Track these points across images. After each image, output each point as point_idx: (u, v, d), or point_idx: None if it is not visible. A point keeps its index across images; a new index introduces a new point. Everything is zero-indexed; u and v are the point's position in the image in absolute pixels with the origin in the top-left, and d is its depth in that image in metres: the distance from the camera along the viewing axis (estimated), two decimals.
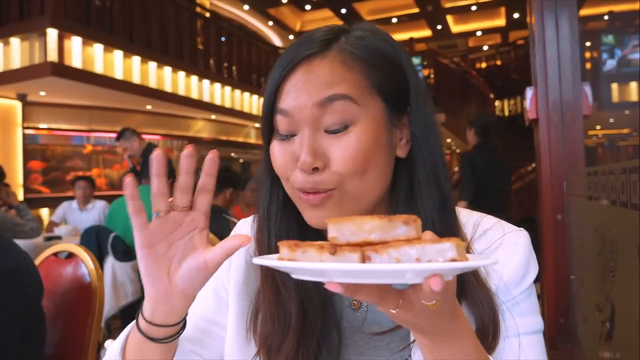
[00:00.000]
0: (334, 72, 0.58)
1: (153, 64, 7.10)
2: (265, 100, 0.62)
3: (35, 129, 7.44)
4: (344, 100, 0.58)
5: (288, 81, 0.60)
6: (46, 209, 7.26)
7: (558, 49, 1.33)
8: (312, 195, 0.59)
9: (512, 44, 11.68)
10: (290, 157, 0.60)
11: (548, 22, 1.36)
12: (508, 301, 0.62)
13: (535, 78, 1.34)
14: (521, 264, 0.62)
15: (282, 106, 0.60)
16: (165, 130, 9.16)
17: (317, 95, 0.58)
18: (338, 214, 0.59)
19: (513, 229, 0.65)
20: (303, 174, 0.59)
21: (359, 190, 0.60)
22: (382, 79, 0.60)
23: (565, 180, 1.27)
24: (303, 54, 0.59)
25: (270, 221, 0.65)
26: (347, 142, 0.58)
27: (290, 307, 0.62)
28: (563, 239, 1.24)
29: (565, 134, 1.27)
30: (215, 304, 0.73)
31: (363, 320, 0.64)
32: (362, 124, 0.59)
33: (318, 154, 0.58)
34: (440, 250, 0.39)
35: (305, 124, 0.59)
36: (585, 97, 1.28)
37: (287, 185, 0.63)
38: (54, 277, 1.61)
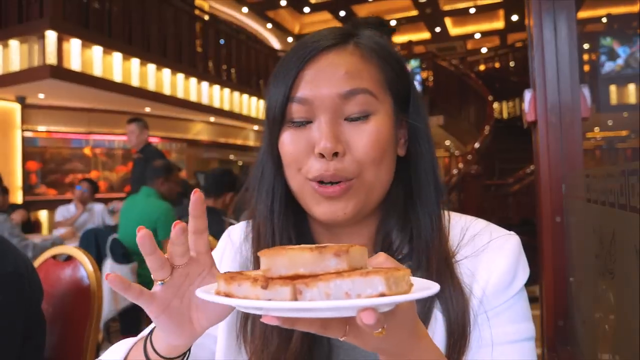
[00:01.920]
0: (355, 65, 0.59)
1: (152, 66, 7.10)
2: (277, 89, 0.60)
3: (34, 131, 7.44)
4: (364, 94, 0.59)
5: (307, 70, 0.59)
6: (45, 211, 7.25)
7: (556, 51, 1.33)
8: (331, 187, 0.58)
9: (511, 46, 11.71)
10: (304, 145, 0.59)
11: (546, 24, 1.37)
12: (496, 307, 0.61)
13: (534, 80, 1.35)
14: (508, 269, 0.61)
15: (301, 94, 0.59)
16: (164, 133, 9.15)
17: (340, 86, 0.58)
18: (354, 207, 0.59)
19: (502, 233, 0.65)
20: (321, 162, 0.58)
21: (374, 181, 0.60)
22: (392, 76, 0.62)
23: (563, 182, 1.27)
24: (323, 44, 0.60)
25: (273, 216, 0.64)
26: (368, 130, 0.59)
27: None
28: (562, 241, 1.24)
29: (563, 136, 1.28)
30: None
31: None
32: (380, 116, 0.60)
33: (339, 140, 0.58)
34: (369, 283, 0.39)
35: (325, 111, 0.58)
36: (583, 100, 1.28)
37: (296, 177, 0.61)
38: (53, 279, 1.60)
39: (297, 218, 0.65)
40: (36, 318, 1.27)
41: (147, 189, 3.13)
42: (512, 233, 0.66)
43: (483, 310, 0.61)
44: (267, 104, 0.63)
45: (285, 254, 0.43)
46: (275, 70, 0.63)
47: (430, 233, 0.62)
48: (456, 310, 0.59)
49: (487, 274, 0.61)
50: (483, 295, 0.61)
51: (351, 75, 0.59)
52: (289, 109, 0.60)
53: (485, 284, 0.61)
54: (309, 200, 0.61)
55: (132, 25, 6.74)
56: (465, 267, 0.62)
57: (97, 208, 4.75)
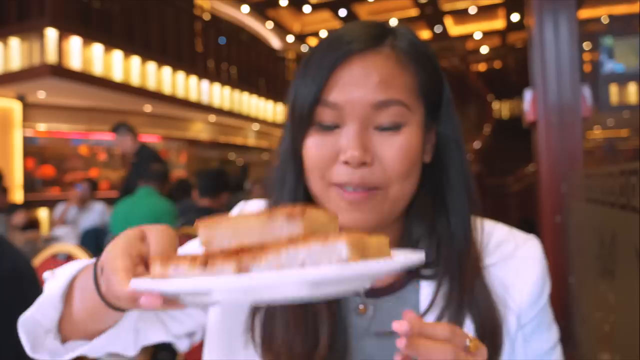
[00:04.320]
0: (390, 72, 0.57)
1: (152, 65, 7.10)
2: (306, 89, 0.57)
3: (35, 130, 7.44)
4: (398, 106, 0.56)
5: (340, 73, 0.56)
6: (45, 210, 7.24)
7: (557, 51, 1.33)
8: (356, 193, 0.56)
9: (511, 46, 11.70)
10: (330, 151, 0.57)
11: (547, 24, 1.36)
12: (532, 318, 0.62)
13: (534, 80, 1.34)
14: (538, 277, 0.62)
15: (331, 98, 0.56)
16: (164, 132, 9.15)
17: (374, 95, 0.56)
18: (376, 216, 0.57)
19: (524, 238, 0.65)
20: (347, 169, 0.56)
21: (399, 195, 0.58)
22: (426, 81, 0.60)
23: (563, 182, 1.27)
24: (357, 46, 0.56)
25: None
26: (398, 142, 0.56)
27: (306, 313, 0.58)
28: (562, 241, 1.23)
29: (564, 136, 1.27)
30: None
31: (369, 324, 0.62)
32: (411, 128, 0.58)
33: (367, 149, 0.56)
34: (330, 250, 0.32)
35: (355, 118, 0.56)
36: (583, 100, 1.28)
37: (319, 182, 0.58)
38: None
39: None
40: None
41: (147, 189, 3.13)
42: (532, 236, 0.66)
43: (520, 324, 0.61)
44: (293, 103, 0.60)
45: (227, 223, 0.36)
46: (303, 66, 0.60)
47: (463, 241, 0.60)
48: (487, 318, 0.58)
49: (520, 286, 0.61)
50: (520, 309, 0.61)
51: (386, 84, 0.56)
52: (318, 112, 0.57)
53: (520, 296, 0.61)
54: (330, 206, 0.58)
55: (132, 23, 6.74)
56: (494, 275, 0.61)
57: (97, 207, 4.74)
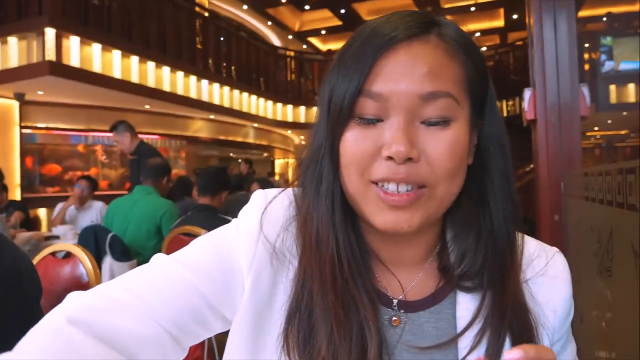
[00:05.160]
0: (439, 62, 0.52)
1: (151, 63, 7.09)
2: (346, 80, 0.53)
3: (33, 128, 7.43)
4: (447, 98, 0.52)
5: (385, 61, 0.52)
6: (44, 209, 7.24)
7: (556, 50, 1.33)
8: (399, 196, 0.52)
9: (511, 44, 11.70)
10: (372, 146, 0.52)
11: (546, 23, 1.37)
12: (562, 336, 0.61)
13: (534, 79, 1.35)
14: (568, 296, 0.61)
15: (376, 89, 0.52)
16: (164, 130, 9.15)
17: (422, 85, 0.51)
18: (421, 216, 0.53)
19: (552, 252, 0.63)
20: (390, 164, 0.51)
21: (445, 195, 0.54)
22: (474, 75, 0.55)
23: (562, 181, 1.27)
24: (403, 33, 0.52)
25: (335, 220, 0.56)
26: (446, 138, 0.52)
27: (360, 322, 0.54)
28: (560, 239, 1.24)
29: (562, 135, 1.28)
30: (222, 281, 0.57)
31: (400, 336, 0.58)
32: (459, 123, 0.53)
33: (413, 144, 0.51)
34: None
35: (401, 110, 0.52)
36: (582, 99, 1.28)
37: (357, 180, 0.54)
38: (52, 276, 1.60)
39: (353, 224, 0.58)
40: (35, 315, 1.27)
41: (145, 188, 3.13)
42: (557, 250, 0.64)
43: (552, 343, 0.60)
44: (330, 96, 0.55)
45: None
46: (340, 59, 0.55)
47: (507, 252, 0.57)
48: (526, 338, 0.56)
49: (553, 305, 0.59)
50: (553, 328, 0.59)
51: (434, 75, 0.52)
52: (359, 104, 0.53)
53: (554, 316, 0.59)
54: (369, 207, 0.54)
55: (131, 22, 6.73)
56: (529, 292, 0.59)
57: (96, 205, 4.73)
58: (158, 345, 0.52)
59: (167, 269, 0.57)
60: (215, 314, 0.57)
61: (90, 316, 0.50)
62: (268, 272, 0.58)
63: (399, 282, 0.59)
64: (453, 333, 0.58)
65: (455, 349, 0.57)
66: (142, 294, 0.54)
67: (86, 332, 0.48)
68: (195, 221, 2.62)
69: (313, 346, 0.53)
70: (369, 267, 0.58)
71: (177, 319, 0.54)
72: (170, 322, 0.53)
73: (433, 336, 0.58)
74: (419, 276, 0.60)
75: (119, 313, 0.51)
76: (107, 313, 0.51)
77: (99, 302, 0.52)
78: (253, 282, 0.57)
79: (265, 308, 0.57)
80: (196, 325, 0.56)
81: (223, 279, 0.57)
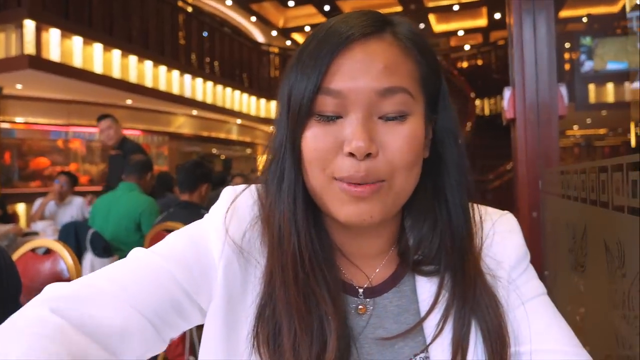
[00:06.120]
0: (394, 59, 0.54)
1: (134, 57, 6.99)
2: (305, 79, 0.54)
3: (12, 122, 7.27)
4: (403, 94, 0.54)
5: (342, 59, 0.53)
6: (22, 205, 7.10)
7: (535, 50, 1.36)
8: (362, 187, 0.53)
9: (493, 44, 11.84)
10: (332, 143, 0.54)
11: (526, 23, 1.39)
12: (520, 274, 0.62)
13: (513, 79, 1.37)
14: (520, 244, 0.63)
15: (334, 86, 0.53)
16: (146, 126, 9.04)
17: (378, 82, 0.53)
18: (381, 209, 0.55)
19: (499, 214, 0.66)
20: (351, 161, 0.53)
21: (403, 187, 0.56)
22: (427, 72, 0.57)
23: (540, 178, 1.30)
24: (358, 31, 0.54)
25: (297, 217, 0.57)
26: (404, 132, 0.54)
27: (320, 316, 0.55)
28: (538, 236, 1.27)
29: (541, 133, 1.31)
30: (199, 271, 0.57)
31: (366, 325, 0.60)
32: (415, 118, 0.55)
33: (373, 140, 0.53)
34: None
35: (359, 107, 0.53)
36: (560, 98, 1.31)
37: (319, 176, 0.55)
38: (32, 273, 1.58)
39: (315, 219, 0.59)
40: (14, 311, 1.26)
41: (129, 184, 3.09)
42: (506, 212, 0.67)
43: (511, 280, 0.62)
44: (289, 94, 0.56)
45: None
46: (298, 58, 0.57)
47: (464, 236, 0.59)
48: (493, 321, 0.57)
49: (507, 255, 0.62)
50: (510, 268, 0.62)
51: (390, 71, 0.53)
52: (318, 102, 0.54)
53: (509, 261, 0.62)
54: (332, 201, 0.55)
55: (113, 15, 6.62)
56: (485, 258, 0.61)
57: (76, 201, 4.66)
58: (141, 336, 0.52)
59: (146, 260, 0.57)
60: (192, 304, 0.57)
61: (74, 306, 0.49)
62: (236, 270, 0.58)
63: (364, 273, 0.62)
64: (414, 309, 0.61)
65: (421, 336, 0.59)
66: (124, 284, 0.53)
67: (71, 322, 0.47)
68: (177, 218, 2.61)
69: (280, 342, 0.55)
70: (333, 261, 0.59)
71: (158, 309, 0.54)
72: (152, 311, 0.53)
73: (395, 314, 0.60)
74: (382, 263, 0.63)
75: (102, 303, 0.51)
76: (89, 303, 0.50)
77: (81, 292, 0.51)
78: (223, 278, 0.58)
79: (237, 304, 0.58)
80: (175, 315, 0.56)
81: (199, 269, 0.57)
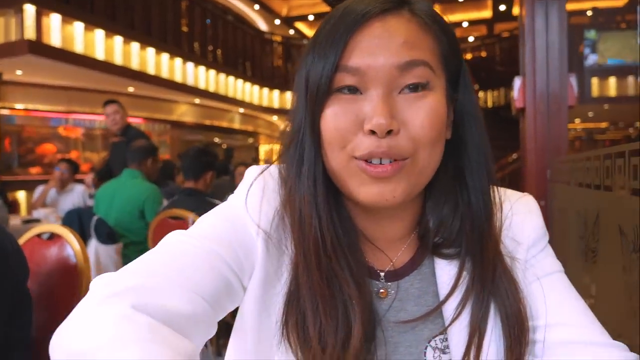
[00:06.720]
0: (414, 34, 0.54)
1: (136, 44, 6.95)
2: (323, 57, 0.53)
3: (12, 109, 7.24)
4: (424, 67, 0.53)
5: (359, 36, 0.53)
6: (23, 192, 7.10)
7: (547, 40, 1.35)
8: (382, 166, 0.52)
9: (497, 36, 11.77)
10: (352, 120, 0.53)
11: (538, 14, 1.39)
12: (538, 253, 0.62)
13: (524, 68, 1.37)
14: (538, 225, 0.63)
15: (353, 63, 0.52)
16: (148, 114, 9.01)
17: (398, 56, 0.52)
18: (404, 188, 0.54)
19: (518, 195, 0.66)
20: (372, 139, 0.52)
21: (426, 164, 0.55)
22: (447, 50, 0.56)
23: (549, 168, 1.30)
24: (376, 8, 0.53)
25: (317, 199, 0.56)
26: (425, 106, 0.53)
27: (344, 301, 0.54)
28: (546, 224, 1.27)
29: (550, 123, 1.30)
30: (241, 250, 0.57)
31: (389, 308, 0.60)
32: (436, 93, 0.54)
33: (394, 116, 0.52)
34: None
35: (379, 83, 0.52)
36: (570, 88, 1.31)
37: (339, 155, 0.54)
38: (38, 258, 1.58)
39: (336, 203, 0.59)
40: (22, 296, 1.26)
41: (132, 171, 3.09)
42: (526, 194, 0.67)
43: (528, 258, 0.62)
44: (307, 77, 0.55)
45: None
46: (316, 38, 0.56)
47: (484, 220, 0.59)
48: (512, 305, 0.57)
49: (526, 236, 0.62)
50: (527, 253, 0.62)
51: (410, 45, 0.52)
52: (337, 79, 0.53)
53: (527, 244, 0.62)
54: (352, 181, 0.54)
55: (115, 1, 6.57)
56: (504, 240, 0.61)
57: (77, 189, 4.66)
58: (207, 321, 0.52)
59: (192, 243, 0.55)
60: (240, 284, 0.57)
61: (151, 300, 0.47)
62: (272, 253, 0.58)
63: (387, 256, 0.62)
64: (433, 292, 0.61)
65: (440, 318, 0.59)
66: (180, 269, 0.52)
67: (155, 318, 0.46)
68: (182, 205, 2.61)
69: (307, 329, 0.54)
70: (356, 245, 0.59)
71: (215, 292, 0.53)
72: (211, 295, 0.52)
73: (416, 296, 0.60)
74: (404, 247, 0.62)
75: (170, 292, 0.49)
76: (160, 294, 0.48)
77: (147, 283, 0.49)
78: (261, 258, 0.57)
79: (270, 289, 0.58)
80: (227, 296, 0.55)
81: (241, 249, 0.57)
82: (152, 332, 0.43)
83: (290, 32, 12.68)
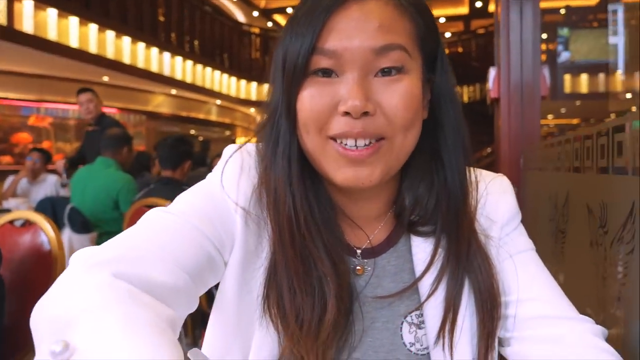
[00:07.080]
0: (390, 16, 0.54)
1: (111, 33, 6.79)
2: (299, 38, 0.54)
3: None
4: (399, 51, 0.54)
5: (337, 18, 0.53)
6: None
7: (521, 33, 1.40)
8: (359, 150, 0.53)
9: (474, 32, 11.94)
10: (328, 102, 0.54)
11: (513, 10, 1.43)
12: (511, 231, 0.65)
13: (499, 60, 1.41)
14: (512, 205, 0.65)
15: (329, 46, 0.53)
16: (123, 104, 8.83)
17: (374, 40, 0.53)
18: (382, 170, 0.55)
19: (493, 176, 0.68)
20: (347, 119, 0.53)
21: (403, 145, 0.56)
22: (425, 32, 0.57)
23: (522, 156, 1.35)
24: None
25: (292, 181, 0.57)
26: (400, 89, 0.54)
27: (319, 277, 0.55)
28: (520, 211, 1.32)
29: (524, 113, 1.35)
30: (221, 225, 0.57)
31: (365, 285, 0.61)
32: (412, 75, 0.55)
33: (369, 98, 0.53)
34: None
35: (355, 66, 0.53)
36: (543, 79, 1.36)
37: (315, 137, 0.55)
38: (10, 245, 1.55)
39: (313, 181, 0.60)
40: None
41: (106, 160, 3.03)
42: (499, 174, 0.69)
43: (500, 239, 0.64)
44: (284, 56, 0.56)
45: None
46: (293, 18, 0.56)
47: (460, 198, 0.60)
48: (485, 281, 0.59)
49: (500, 215, 0.64)
50: (500, 231, 0.64)
51: (386, 29, 0.53)
52: (313, 61, 0.54)
53: (501, 222, 0.64)
54: (329, 164, 0.55)
55: None
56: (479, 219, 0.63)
57: (50, 179, 4.54)
58: (188, 294, 0.52)
59: (172, 219, 0.56)
60: (220, 258, 0.57)
61: (131, 270, 0.47)
62: (251, 228, 0.59)
63: (365, 233, 0.63)
64: (409, 269, 0.63)
65: (416, 294, 0.61)
66: (162, 244, 0.52)
67: (136, 286, 0.45)
68: (159, 194, 2.58)
69: (284, 309, 0.55)
70: (333, 223, 0.60)
71: (196, 265, 0.53)
72: (192, 268, 0.53)
73: (392, 273, 0.62)
74: (381, 226, 0.64)
75: (151, 264, 0.49)
76: (141, 265, 0.48)
77: (128, 255, 0.49)
78: (240, 233, 0.58)
79: (250, 264, 0.59)
80: (209, 270, 0.56)
81: (220, 223, 0.57)
82: (132, 297, 0.43)
83: (268, 24, 12.57)
